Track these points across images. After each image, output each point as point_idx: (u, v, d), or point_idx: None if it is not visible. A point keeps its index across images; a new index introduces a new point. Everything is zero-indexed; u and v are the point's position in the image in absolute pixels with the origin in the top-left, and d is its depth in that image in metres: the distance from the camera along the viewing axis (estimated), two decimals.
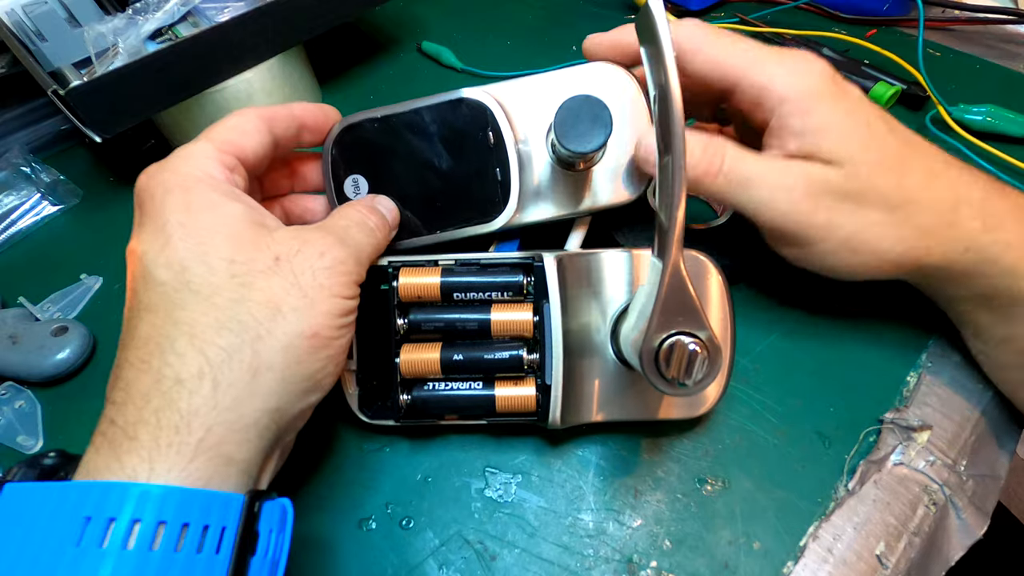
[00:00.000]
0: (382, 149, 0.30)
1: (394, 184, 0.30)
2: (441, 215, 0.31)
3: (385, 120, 0.30)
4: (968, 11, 0.50)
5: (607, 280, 0.28)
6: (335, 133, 0.30)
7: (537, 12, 0.57)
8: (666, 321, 0.22)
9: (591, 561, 0.26)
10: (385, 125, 0.30)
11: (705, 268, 0.28)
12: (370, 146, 0.30)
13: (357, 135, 0.30)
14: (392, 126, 0.30)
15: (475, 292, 0.27)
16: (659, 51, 0.20)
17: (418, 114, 0.30)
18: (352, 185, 0.31)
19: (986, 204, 0.26)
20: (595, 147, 0.26)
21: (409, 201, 0.30)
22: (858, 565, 0.26)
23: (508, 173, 0.30)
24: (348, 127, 0.30)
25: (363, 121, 0.30)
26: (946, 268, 0.27)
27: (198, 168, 0.23)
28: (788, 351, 0.32)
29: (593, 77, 0.30)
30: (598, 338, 0.28)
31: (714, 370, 0.22)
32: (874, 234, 0.26)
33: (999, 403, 0.30)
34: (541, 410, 0.27)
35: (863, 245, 0.27)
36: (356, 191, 0.31)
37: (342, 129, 0.30)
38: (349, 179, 0.30)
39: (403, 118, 0.30)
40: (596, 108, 0.26)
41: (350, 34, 0.56)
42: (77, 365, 0.34)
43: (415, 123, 0.30)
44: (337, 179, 0.31)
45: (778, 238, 0.28)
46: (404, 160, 0.30)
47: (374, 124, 0.30)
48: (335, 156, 0.30)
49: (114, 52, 0.39)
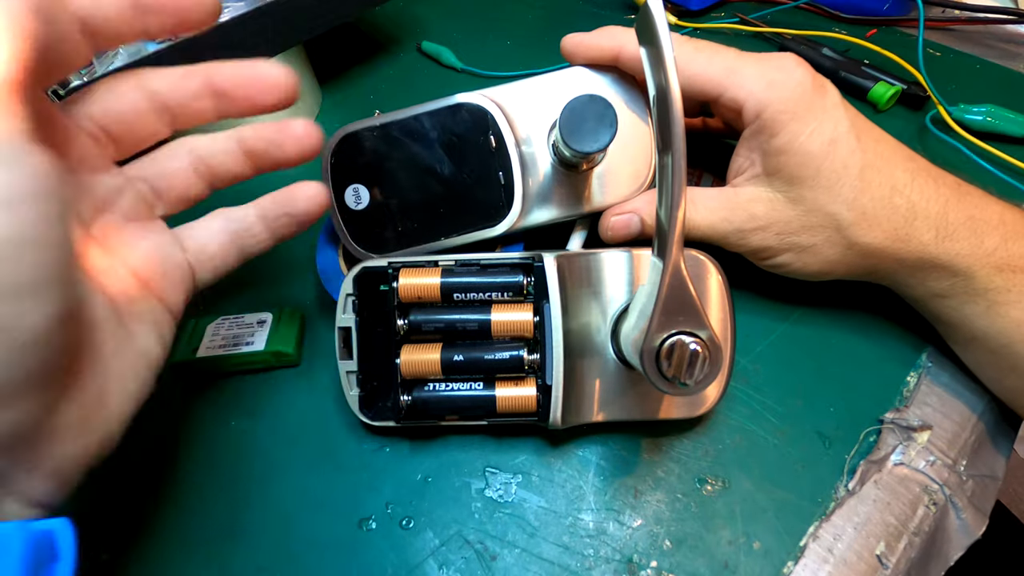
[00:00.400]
0: (382, 157, 0.30)
1: (396, 192, 0.30)
2: (445, 221, 0.30)
3: (384, 128, 0.30)
4: (968, 11, 0.50)
5: (607, 280, 0.28)
6: (334, 143, 0.30)
7: (537, 12, 0.57)
8: (667, 321, 0.22)
9: (591, 561, 0.26)
10: (384, 133, 0.30)
11: (705, 268, 0.28)
12: (369, 155, 0.30)
13: (356, 144, 0.30)
14: (391, 134, 0.30)
15: (475, 292, 0.27)
16: (659, 51, 0.20)
17: (417, 120, 0.30)
18: (353, 194, 0.30)
19: (943, 216, 0.27)
20: (602, 146, 0.26)
21: (412, 208, 0.30)
22: (858, 565, 0.26)
23: (511, 176, 0.30)
24: (347, 136, 0.30)
25: (362, 130, 0.30)
26: (900, 272, 0.28)
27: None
28: (788, 351, 0.32)
29: (592, 78, 0.30)
30: (598, 338, 0.28)
31: (715, 370, 0.22)
32: (823, 250, 0.28)
33: (998, 403, 0.30)
34: (542, 410, 0.27)
35: (813, 259, 0.29)
36: (357, 201, 0.31)
37: (341, 139, 0.30)
38: (350, 189, 0.30)
39: (402, 125, 0.30)
40: (601, 107, 0.26)
41: (350, 34, 0.56)
42: None
43: (415, 130, 0.30)
44: (338, 189, 0.31)
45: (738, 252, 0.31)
46: (405, 167, 0.30)
47: (373, 132, 0.30)
48: (335, 165, 0.30)
49: (114, 52, 0.39)
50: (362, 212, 0.31)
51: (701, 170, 0.37)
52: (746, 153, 0.29)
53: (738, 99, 0.28)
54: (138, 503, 0.29)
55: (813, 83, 0.27)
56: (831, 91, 0.28)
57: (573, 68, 0.30)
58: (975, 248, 0.27)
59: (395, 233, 0.31)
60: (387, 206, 0.31)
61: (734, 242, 0.29)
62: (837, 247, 0.28)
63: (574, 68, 0.30)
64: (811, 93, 0.27)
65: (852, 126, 0.27)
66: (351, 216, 0.31)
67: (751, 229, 0.29)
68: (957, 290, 0.27)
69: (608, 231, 0.30)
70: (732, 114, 0.29)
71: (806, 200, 0.27)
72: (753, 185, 0.29)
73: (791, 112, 0.27)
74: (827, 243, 0.28)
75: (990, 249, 0.26)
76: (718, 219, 0.29)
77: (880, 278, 0.30)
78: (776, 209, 0.28)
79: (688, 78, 0.28)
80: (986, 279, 0.27)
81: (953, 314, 0.28)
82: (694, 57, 0.28)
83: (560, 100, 0.26)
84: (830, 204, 0.27)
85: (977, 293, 0.27)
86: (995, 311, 0.27)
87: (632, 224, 0.30)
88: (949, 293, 0.28)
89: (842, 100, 0.28)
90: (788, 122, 0.27)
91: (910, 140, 0.42)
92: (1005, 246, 0.26)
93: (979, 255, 0.26)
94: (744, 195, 0.29)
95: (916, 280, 0.28)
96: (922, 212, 0.27)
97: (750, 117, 0.28)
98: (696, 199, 0.29)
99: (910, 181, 0.27)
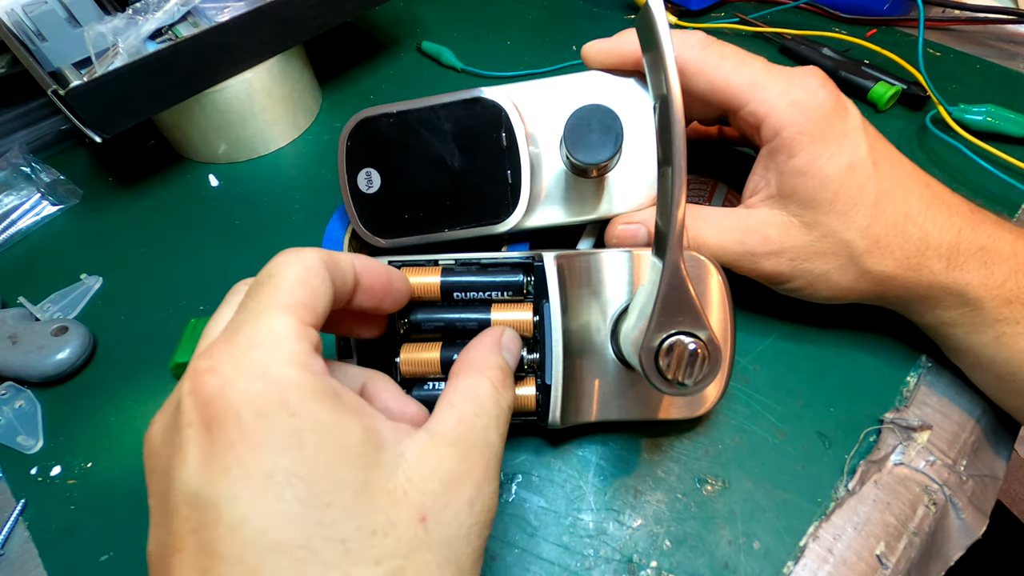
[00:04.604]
0: (396, 144, 0.30)
1: (406, 180, 0.31)
2: (450, 213, 0.31)
3: (401, 115, 0.30)
4: (968, 11, 0.50)
5: (607, 280, 0.28)
6: (351, 126, 0.30)
7: (537, 12, 0.57)
8: (666, 321, 0.22)
9: (591, 561, 0.26)
10: (400, 120, 0.30)
11: (705, 268, 0.28)
12: (384, 140, 0.30)
13: (373, 129, 0.30)
14: (407, 122, 0.30)
15: (475, 292, 0.27)
16: (659, 57, 0.20)
17: (434, 111, 0.30)
18: (365, 178, 0.31)
19: (954, 246, 0.27)
20: (603, 159, 0.26)
21: (420, 197, 0.31)
22: (858, 565, 0.26)
23: (519, 175, 0.30)
24: (364, 120, 0.30)
25: (379, 115, 0.30)
26: (910, 300, 0.28)
27: (292, 364, 0.16)
28: (788, 351, 0.32)
29: (612, 83, 0.30)
30: (598, 338, 0.28)
31: (714, 370, 0.22)
32: (835, 277, 0.28)
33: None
34: (541, 410, 0.27)
35: (825, 284, 0.28)
36: (369, 184, 0.31)
37: (358, 122, 0.30)
38: (362, 172, 0.31)
39: (419, 114, 0.30)
40: (607, 119, 0.26)
41: (350, 34, 0.56)
42: (77, 365, 0.34)
43: (430, 120, 0.30)
44: (351, 171, 0.31)
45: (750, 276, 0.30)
46: (417, 156, 0.30)
47: (389, 119, 0.30)
48: (350, 148, 0.31)
49: (114, 52, 0.39)
50: (372, 196, 0.31)
51: (716, 180, 0.37)
52: (762, 172, 0.29)
53: (758, 114, 0.27)
54: (139, 503, 0.29)
55: (835, 105, 0.27)
56: (852, 113, 0.27)
57: (592, 72, 0.30)
58: (985, 279, 0.26)
59: (402, 220, 0.31)
60: (396, 192, 0.31)
61: (746, 266, 0.29)
62: (849, 274, 0.28)
63: (593, 72, 0.30)
64: (832, 115, 0.26)
65: (871, 150, 0.27)
66: (362, 199, 0.31)
67: (763, 253, 0.28)
68: (966, 320, 0.27)
69: (614, 239, 0.30)
70: (751, 129, 0.28)
71: (821, 225, 0.27)
72: (768, 207, 0.28)
73: (810, 134, 0.26)
74: (839, 270, 0.28)
75: (1000, 280, 0.26)
76: (730, 240, 0.28)
77: (890, 304, 0.29)
78: (790, 234, 0.28)
79: (711, 86, 0.28)
80: (995, 310, 0.26)
81: (960, 342, 0.28)
82: (719, 64, 0.28)
83: (576, 103, 0.26)
84: (845, 231, 0.27)
85: (986, 324, 0.27)
86: (1003, 342, 0.27)
87: (639, 235, 0.30)
88: (958, 322, 0.28)
89: (863, 122, 0.27)
90: (807, 144, 0.26)
91: (910, 140, 0.42)
92: (1015, 278, 0.26)
93: (989, 286, 0.26)
94: (758, 217, 0.28)
95: (926, 308, 0.28)
96: (934, 241, 0.26)
97: (769, 135, 0.27)
98: (708, 216, 0.29)
99: (924, 209, 0.27)
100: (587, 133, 0.26)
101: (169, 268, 0.39)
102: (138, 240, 0.41)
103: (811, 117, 0.26)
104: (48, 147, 0.47)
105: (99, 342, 0.35)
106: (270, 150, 0.46)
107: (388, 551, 0.15)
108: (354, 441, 0.16)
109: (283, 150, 0.46)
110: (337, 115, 0.49)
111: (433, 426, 0.19)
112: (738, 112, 0.28)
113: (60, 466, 0.31)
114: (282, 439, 0.15)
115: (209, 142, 0.44)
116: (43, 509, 0.29)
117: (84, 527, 0.29)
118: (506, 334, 0.24)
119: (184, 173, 0.45)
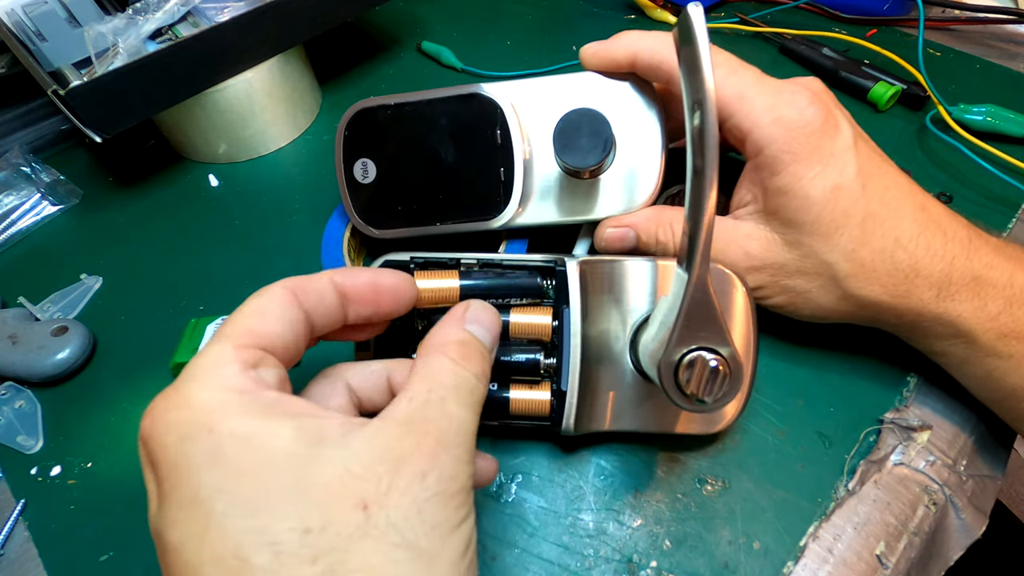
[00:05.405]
0: (392, 135, 0.31)
1: (400, 171, 0.31)
2: (443, 207, 0.31)
3: (398, 107, 0.30)
4: (968, 11, 0.50)
5: (630, 288, 0.27)
6: (349, 116, 0.31)
7: (537, 12, 0.57)
8: (688, 335, 0.21)
9: (591, 561, 0.26)
10: (398, 112, 0.30)
11: (730, 282, 0.27)
12: (381, 131, 0.31)
13: (370, 119, 0.31)
14: (404, 114, 0.30)
15: (494, 299, 0.27)
16: (696, 62, 0.19)
17: (431, 105, 0.30)
18: (361, 168, 0.31)
19: (946, 275, 0.26)
20: (590, 164, 0.26)
21: (414, 189, 0.31)
22: (858, 565, 0.26)
23: (512, 173, 0.30)
24: (362, 111, 0.31)
25: (377, 106, 0.30)
26: (900, 327, 0.28)
27: (216, 388, 0.17)
28: (788, 351, 0.32)
29: (608, 85, 0.29)
30: (617, 346, 0.27)
31: (734, 388, 0.21)
32: (817, 297, 0.28)
33: None
34: (555, 415, 0.27)
35: (806, 303, 0.28)
36: (364, 175, 0.31)
37: (356, 112, 0.31)
38: (358, 162, 0.31)
39: (416, 107, 0.30)
40: (597, 123, 0.26)
41: (350, 34, 0.56)
42: (77, 365, 0.34)
43: (427, 113, 0.30)
44: (348, 161, 0.31)
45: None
46: (412, 149, 0.30)
47: (387, 110, 0.30)
48: (347, 138, 0.31)
49: (114, 52, 0.39)
50: (367, 186, 0.31)
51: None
52: (748, 186, 0.28)
53: (742, 129, 0.27)
54: (139, 503, 0.29)
55: (824, 124, 0.26)
56: (844, 132, 0.26)
57: (589, 73, 0.30)
58: (977, 311, 0.25)
59: (395, 211, 0.31)
60: (391, 183, 0.31)
61: None
62: (831, 295, 0.27)
63: (590, 73, 0.30)
64: (819, 134, 0.26)
65: (860, 172, 0.26)
66: (357, 188, 0.31)
67: (745, 268, 0.28)
68: (958, 350, 0.27)
69: (602, 242, 0.30)
70: (736, 141, 0.28)
71: (802, 245, 0.27)
72: (753, 221, 0.28)
73: (793, 153, 0.26)
74: (821, 290, 0.27)
75: (993, 313, 0.25)
76: (712, 250, 0.28)
77: (887, 328, 0.29)
78: (771, 250, 0.27)
79: None
80: (988, 345, 0.26)
81: (954, 372, 0.28)
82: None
83: (573, 104, 0.26)
84: (826, 253, 0.26)
85: (978, 356, 0.26)
86: (995, 376, 0.26)
87: (627, 239, 0.29)
88: (950, 352, 0.27)
89: (855, 142, 0.26)
90: (789, 163, 0.26)
91: (910, 140, 0.42)
92: (1010, 311, 0.25)
93: (981, 319, 0.25)
94: (742, 230, 0.28)
95: (917, 335, 0.28)
96: (924, 269, 0.25)
97: (752, 151, 0.27)
98: None
99: (917, 234, 0.26)
100: (576, 137, 0.26)
101: (169, 268, 0.39)
102: (138, 240, 0.41)
103: (796, 136, 0.26)
104: (48, 147, 0.47)
105: (99, 342, 0.35)
106: (270, 150, 0.46)
107: (325, 547, 0.15)
108: (282, 444, 0.16)
109: (283, 150, 0.46)
110: (337, 115, 0.48)
111: (386, 412, 0.18)
112: (726, 122, 0.27)
113: (60, 466, 0.31)
114: (203, 457, 0.16)
115: (209, 142, 0.44)
116: (43, 509, 0.29)
117: (84, 527, 0.29)
118: (471, 307, 0.23)
119: (184, 173, 0.45)
